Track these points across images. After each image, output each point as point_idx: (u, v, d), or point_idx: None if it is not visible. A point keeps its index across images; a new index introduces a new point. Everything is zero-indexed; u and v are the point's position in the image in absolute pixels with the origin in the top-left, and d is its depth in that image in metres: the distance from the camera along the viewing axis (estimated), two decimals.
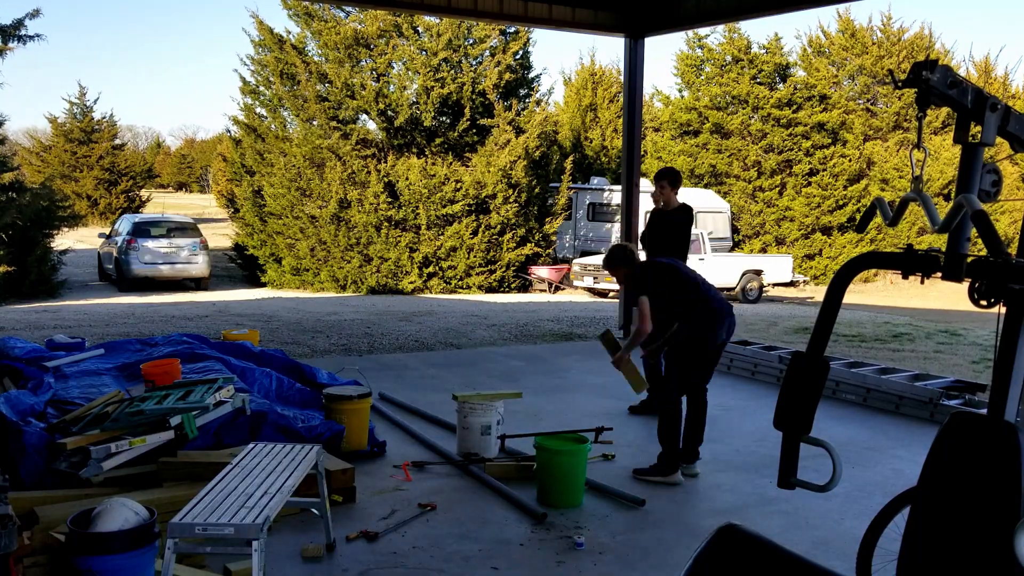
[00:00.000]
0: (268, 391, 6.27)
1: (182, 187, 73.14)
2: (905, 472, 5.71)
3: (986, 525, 2.56)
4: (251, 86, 22.65)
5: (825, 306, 2.82)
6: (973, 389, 7.71)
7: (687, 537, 4.63)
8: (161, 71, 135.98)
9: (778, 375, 8.72)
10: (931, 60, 2.65)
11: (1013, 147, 3.05)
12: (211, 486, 3.70)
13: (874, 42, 27.47)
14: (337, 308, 15.94)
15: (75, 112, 36.16)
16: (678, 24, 11.31)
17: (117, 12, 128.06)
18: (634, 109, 11.34)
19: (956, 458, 2.73)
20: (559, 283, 21.40)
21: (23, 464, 4.59)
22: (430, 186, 20.78)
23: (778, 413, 2.83)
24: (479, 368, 9.38)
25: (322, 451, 4.33)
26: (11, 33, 14.51)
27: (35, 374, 6.08)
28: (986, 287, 2.57)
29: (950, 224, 2.55)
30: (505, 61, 21.58)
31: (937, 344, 12.30)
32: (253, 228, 22.47)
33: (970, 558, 2.60)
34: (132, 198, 37.15)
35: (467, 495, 5.25)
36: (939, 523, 2.71)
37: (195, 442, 4.98)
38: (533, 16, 10.57)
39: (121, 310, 15.11)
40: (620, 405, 7.71)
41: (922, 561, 2.74)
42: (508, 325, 13.31)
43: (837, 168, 25.88)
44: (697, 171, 26.76)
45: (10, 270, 17.29)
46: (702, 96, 27.10)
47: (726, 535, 2.19)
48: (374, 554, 4.33)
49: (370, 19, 20.89)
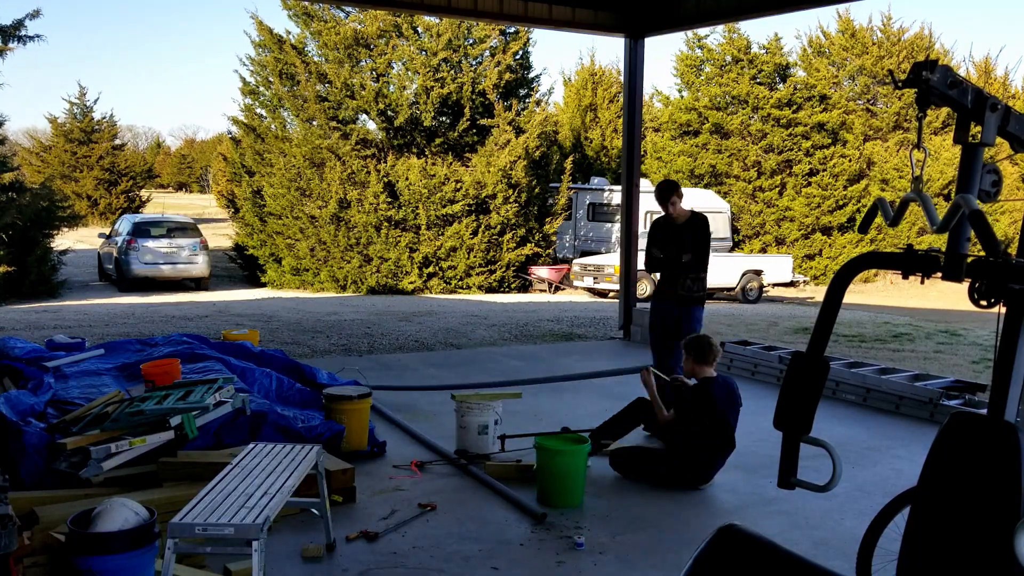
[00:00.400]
0: (268, 391, 6.27)
1: (182, 187, 73.14)
2: (905, 472, 5.71)
3: (986, 525, 2.56)
4: (251, 86, 22.65)
5: (825, 306, 2.82)
6: (973, 389, 7.70)
7: (687, 537, 4.63)
8: (161, 71, 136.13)
9: (778, 375, 8.72)
10: (931, 60, 2.65)
11: (1013, 147, 3.04)
12: (211, 486, 3.70)
13: (874, 42, 27.47)
14: (337, 308, 15.94)
15: (75, 112, 36.17)
16: (678, 24, 11.31)
17: (117, 12, 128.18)
18: (634, 109, 11.34)
19: (956, 458, 2.73)
20: (559, 283, 21.39)
21: (23, 464, 4.59)
22: (430, 186, 20.78)
23: (778, 413, 2.83)
24: (479, 368, 9.38)
25: (322, 451, 4.33)
26: (11, 33, 14.51)
27: (35, 374, 6.08)
28: (986, 287, 2.57)
29: (948, 224, 2.55)
30: (505, 61, 21.58)
31: (937, 344, 12.30)
32: (253, 228, 22.48)
33: (970, 558, 2.60)
34: (132, 198, 37.16)
35: (467, 495, 5.25)
36: (939, 523, 2.71)
37: (195, 442, 4.98)
38: (533, 16, 10.57)
39: (121, 310, 15.12)
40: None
41: (922, 561, 2.74)
42: (508, 325, 13.31)
43: (837, 168, 25.88)
44: (697, 171, 26.76)
45: (10, 270, 17.30)
46: (702, 96, 27.10)
47: (726, 535, 2.19)
48: (374, 554, 4.33)
49: (370, 19, 20.89)
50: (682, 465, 5.43)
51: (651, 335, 7.29)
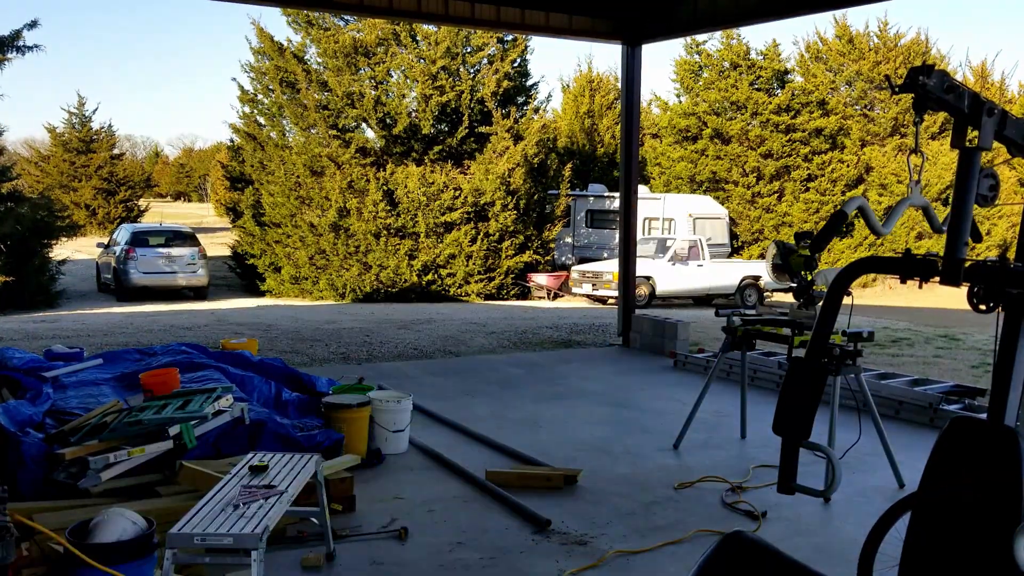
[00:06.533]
0: (267, 400, 6.26)
1: (180, 196, 73.18)
2: (905, 477, 5.70)
3: (986, 529, 2.55)
4: (250, 95, 22.71)
5: (824, 312, 2.82)
6: (973, 394, 7.69)
7: (691, 544, 4.61)
8: (159, 81, 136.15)
9: (777, 380, 8.71)
10: (927, 65, 2.66)
11: (1010, 151, 3.05)
12: (210, 496, 3.69)
13: (871, 48, 27.52)
14: (336, 316, 15.93)
15: (74, 122, 36.25)
16: (674, 31, 11.32)
17: (115, 23, 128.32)
18: (632, 116, 11.35)
19: (956, 463, 2.73)
20: (558, 290, 21.39)
21: (22, 475, 4.57)
22: (429, 194, 20.81)
23: (777, 419, 2.83)
24: (478, 376, 9.37)
25: (321, 460, 4.32)
26: (10, 44, 14.55)
27: (33, 384, 6.06)
28: (984, 291, 2.57)
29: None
30: (503, 69, 21.63)
31: (936, 349, 12.29)
32: (253, 237, 22.49)
33: (971, 563, 2.59)
34: (131, 207, 37.21)
35: (468, 502, 5.24)
36: (940, 528, 2.70)
37: (193, 452, 4.97)
38: (530, 24, 10.59)
39: (119, 320, 15.10)
40: (618, 412, 7.71)
41: (924, 566, 2.73)
42: (507, 332, 13.30)
43: (835, 173, 25.92)
44: (698, 177, 26.80)
45: (8, 280, 17.29)
46: (700, 102, 27.16)
47: (732, 543, 2.19)
48: (374, 563, 4.32)
49: (369, 27, 20.95)
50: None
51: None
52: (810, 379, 2.78)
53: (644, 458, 6.23)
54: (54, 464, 4.58)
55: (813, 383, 2.78)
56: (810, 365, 2.79)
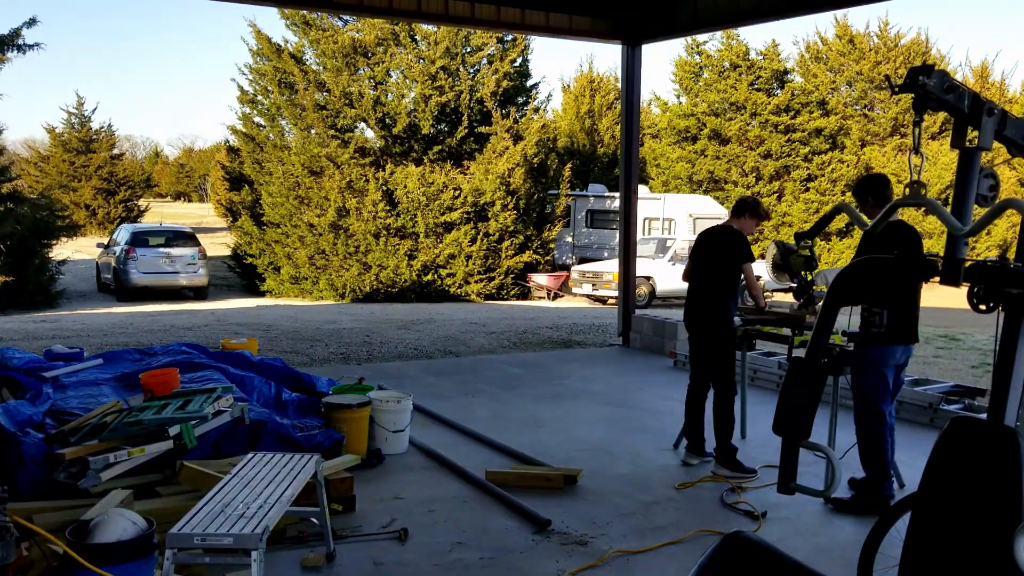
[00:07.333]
0: (267, 400, 6.26)
1: (180, 196, 73.17)
2: (906, 477, 5.70)
3: (987, 529, 2.55)
4: (249, 95, 22.71)
5: (824, 312, 2.82)
6: (973, 394, 7.69)
7: (690, 544, 4.61)
8: (159, 81, 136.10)
9: (777, 381, 8.71)
10: (927, 65, 2.66)
11: (1010, 151, 3.05)
12: (210, 496, 3.69)
13: (871, 48, 27.54)
14: (336, 316, 15.93)
15: (73, 122, 36.25)
16: (675, 32, 11.32)
17: (115, 23, 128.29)
18: (632, 116, 11.35)
19: (956, 463, 2.73)
20: (558, 290, 21.39)
21: (22, 475, 4.57)
22: (428, 194, 20.80)
23: (777, 419, 2.83)
24: (478, 376, 9.37)
25: (321, 460, 4.32)
26: (9, 42, 14.54)
27: (33, 384, 6.06)
28: (984, 291, 2.57)
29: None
30: (503, 69, 21.63)
31: (936, 349, 12.30)
32: (252, 237, 22.49)
33: (971, 563, 2.59)
34: (130, 208, 37.22)
35: (468, 502, 5.24)
36: (940, 528, 2.70)
37: (194, 452, 4.96)
38: (530, 24, 10.59)
39: (119, 320, 15.10)
40: (618, 412, 7.71)
41: (924, 567, 2.73)
42: (507, 333, 13.30)
43: (835, 174, 25.92)
44: (696, 177, 26.78)
45: (8, 280, 17.30)
46: (700, 102, 27.16)
47: (732, 543, 2.19)
48: (374, 563, 4.32)
49: (368, 27, 20.94)
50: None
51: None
52: (810, 379, 2.78)
53: (644, 458, 6.23)
54: (54, 464, 4.57)
55: (813, 383, 2.78)
56: (810, 365, 2.79)
